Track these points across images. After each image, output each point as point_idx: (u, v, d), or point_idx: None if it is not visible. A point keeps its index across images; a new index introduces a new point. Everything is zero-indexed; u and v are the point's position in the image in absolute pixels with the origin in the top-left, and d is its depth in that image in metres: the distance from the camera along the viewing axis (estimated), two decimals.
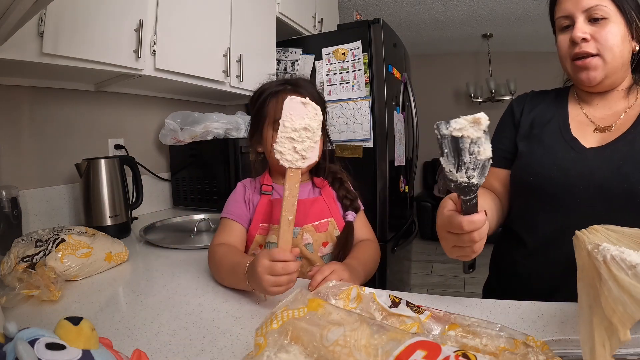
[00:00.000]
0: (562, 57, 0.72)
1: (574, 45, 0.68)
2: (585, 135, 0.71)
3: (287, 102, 0.62)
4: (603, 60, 0.66)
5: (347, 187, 0.90)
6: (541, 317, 0.56)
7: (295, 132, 0.61)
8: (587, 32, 0.66)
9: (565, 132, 0.73)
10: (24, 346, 0.28)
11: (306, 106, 0.61)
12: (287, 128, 0.61)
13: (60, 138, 1.26)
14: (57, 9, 0.88)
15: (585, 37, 0.66)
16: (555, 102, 0.79)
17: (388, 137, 1.75)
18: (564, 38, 0.71)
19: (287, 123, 0.61)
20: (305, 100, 0.62)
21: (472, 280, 2.99)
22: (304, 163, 0.62)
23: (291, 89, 0.83)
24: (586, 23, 0.67)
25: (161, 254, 0.98)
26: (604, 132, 0.70)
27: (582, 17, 0.67)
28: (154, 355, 0.49)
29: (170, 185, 1.68)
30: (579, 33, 0.66)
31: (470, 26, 3.54)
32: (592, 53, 0.66)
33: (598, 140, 0.69)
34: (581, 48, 0.67)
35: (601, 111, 0.73)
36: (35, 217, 1.16)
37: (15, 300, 0.64)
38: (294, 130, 0.61)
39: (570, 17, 0.68)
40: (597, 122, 0.72)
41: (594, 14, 0.66)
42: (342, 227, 0.86)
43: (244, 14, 1.55)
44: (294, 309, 0.39)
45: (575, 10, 0.67)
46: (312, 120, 0.62)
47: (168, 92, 1.64)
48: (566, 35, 0.70)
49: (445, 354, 0.31)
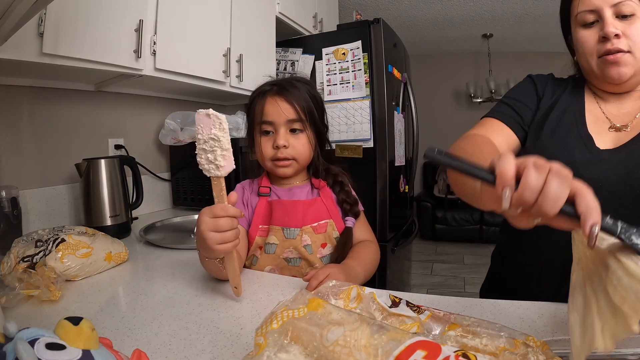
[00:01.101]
0: (587, 53, 0.69)
1: (603, 41, 0.65)
2: (600, 133, 0.69)
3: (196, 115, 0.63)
4: (634, 57, 0.64)
5: (347, 190, 0.89)
6: (541, 317, 0.56)
7: (206, 143, 0.62)
8: (618, 27, 0.63)
9: (580, 125, 0.70)
10: (24, 346, 0.28)
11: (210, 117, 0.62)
12: (200, 140, 0.63)
13: (60, 138, 1.26)
14: (57, 9, 0.88)
15: (618, 32, 0.63)
16: (573, 91, 0.76)
17: (388, 137, 1.75)
18: (589, 34, 0.67)
19: (199, 135, 0.63)
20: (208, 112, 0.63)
21: (472, 280, 2.99)
22: (220, 171, 0.62)
23: (276, 90, 0.82)
24: (614, 19, 0.64)
25: (161, 254, 0.97)
26: (619, 131, 0.68)
27: (610, 12, 0.64)
28: (154, 355, 0.49)
29: (170, 185, 1.68)
30: (611, 29, 0.63)
31: (470, 26, 3.54)
32: (624, 50, 0.64)
33: (613, 141, 0.68)
34: (613, 45, 0.64)
35: (616, 109, 0.71)
36: (35, 217, 1.16)
37: (15, 300, 0.64)
38: (205, 141, 0.62)
39: (596, 12, 0.65)
40: (612, 119, 0.70)
41: (623, 10, 0.63)
42: (341, 228, 0.85)
43: (244, 14, 1.55)
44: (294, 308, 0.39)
45: (604, 5, 0.64)
46: (217, 130, 0.62)
47: (168, 92, 1.64)
48: (591, 31, 0.67)
49: (445, 354, 0.31)
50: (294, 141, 0.82)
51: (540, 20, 3.23)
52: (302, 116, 0.82)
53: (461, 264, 3.43)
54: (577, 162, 0.67)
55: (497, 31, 3.66)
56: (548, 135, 0.72)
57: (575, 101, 0.73)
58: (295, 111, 0.82)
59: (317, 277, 0.65)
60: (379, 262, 0.87)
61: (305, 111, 0.83)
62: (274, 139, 0.82)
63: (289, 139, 0.82)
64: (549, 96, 0.76)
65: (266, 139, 0.83)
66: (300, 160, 0.84)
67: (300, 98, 0.83)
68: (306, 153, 0.84)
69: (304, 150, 0.84)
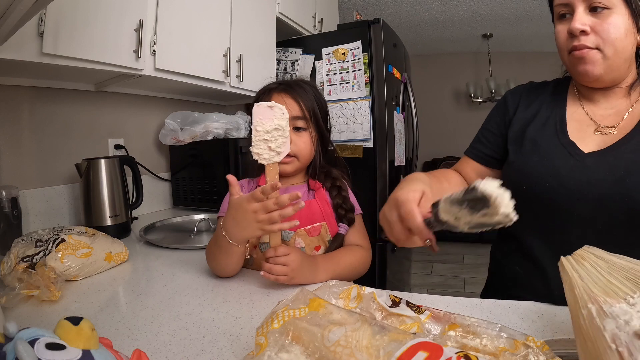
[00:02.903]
0: (560, 48, 0.66)
1: (572, 37, 0.62)
2: (585, 138, 0.65)
3: (255, 108, 0.68)
4: (603, 54, 0.60)
5: (344, 196, 0.87)
6: (541, 317, 0.56)
7: (268, 133, 0.67)
8: (586, 23, 0.60)
9: (562, 134, 0.67)
10: (24, 346, 0.28)
11: (273, 109, 0.68)
12: (260, 132, 0.67)
13: (60, 138, 1.26)
14: (57, 9, 0.88)
15: (584, 29, 0.60)
16: (553, 97, 0.73)
17: (388, 137, 1.75)
18: (562, 28, 0.65)
19: (259, 127, 0.67)
20: (271, 104, 0.68)
21: (472, 280, 2.99)
22: (280, 157, 0.69)
23: (282, 88, 0.84)
24: (586, 13, 0.61)
25: (161, 254, 0.97)
26: (605, 133, 0.64)
27: (582, 5, 0.60)
28: (154, 355, 0.49)
29: (170, 185, 1.68)
30: (577, 25, 0.60)
31: (470, 26, 3.54)
32: (590, 47, 0.61)
33: (598, 144, 0.64)
34: (579, 41, 0.61)
35: (603, 109, 0.67)
36: (35, 217, 1.16)
37: (15, 300, 0.64)
38: (266, 132, 0.67)
39: (569, 5, 0.62)
40: (598, 120, 0.66)
41: (595, 3, 0.59)
42: (334, 232, 0.85)
43: (244, 14, 1.55)
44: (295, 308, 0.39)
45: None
46: (281, 120, 0.68)
47: (168, 92, 1.64)
48: (564, 25, 0.64)
49: (447, 356, 0.31)
50: (297, 139, 0.82)
51: (540, 20, 3.23)
52: (306, 114, 0.83)
53: (461, 264, 3.43)
54: (560, 168, 0.64)
55: (497, 31, 3.66)
56: (529, 147, 0.70)
57: (556, 110, 0.71)
58: (300, 109, 0.83)
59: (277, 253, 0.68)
60: (366, 268, 0.85)
61: (309, 110, 0.84)
62: None
63: (291, 137, 0.82)
64: (524, 107, 0.75)
65: None
66: (301, 159, 0.84)
67: (306, 97, 0.84)
68: (307, 152, 0.85)
69: (305, 149, 0.84)
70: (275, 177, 0.68)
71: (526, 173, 0.68)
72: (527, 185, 0.67)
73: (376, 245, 1.77)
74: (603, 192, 0.60)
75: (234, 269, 0.75)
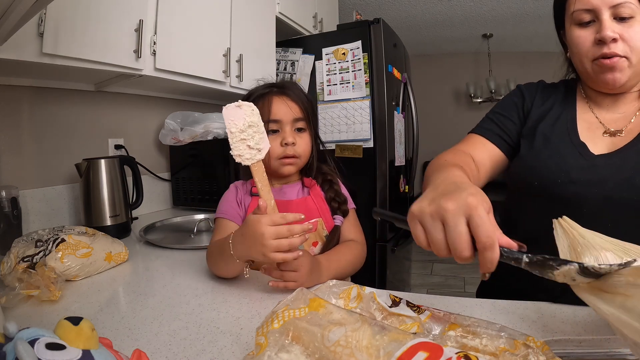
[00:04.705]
0: (582, 55, 0.65)
1: (600, 44, 0.62)
2: (594, 139, 0.67)
3: (224, 111, 0.66)
4: (629, 62, 0.61)
5: (336, 189, 0.89)
6: (541, 317, 0.56)
7: (243, 132, 0.66)
8: (615, 30, 0.60)
9: (573, 134, 0.68)
10: (24, 346, 0.28)
11: (242, 107, 0.66)
12: (234, 132, 0.65)
13: (60, 138, 1.26)
14: (57, 9, 0.88)
15: (615, 36, 0.60)
16: (564, 97, 0.74)
17: (388, 137, 1.75)
18: (584, 35, 0.64)
19: (232, 128, 0.65)
20: (238, 104, 0.66)
21: (472, 280, 2.99)
22: (261, 154, 0.67)
23: (277, 91, 0.85)
24: (612, 21, 0.61)
25: (161, 254, 0.97)
26: (613, 136, 0.66)
27: (608, 13, 0.60)
28: (154, 355, 0.49)
29: (170, 185, 1.68)
30: (609, 32, 0.60)
31: (470, 26, 3.54)
32: (620, 54, 0.61)
33: (607, 146, 0.66)
34: (610, 49, 0.61)
35: (611, 113, 0.69)
36: (35, 217, 1.16)
37: (15, 300, 0.64)
38: (241, 131, 0.65)
39: (593, 12, 0.62)
40: (606, 124, 0.68)
41: (621, 12, 0.60)
42: (330, 227, 0.85)
43: (244, 14, 1.55)
44: (295, 308, 0.39)
45: (602, 6, 0.60)
46: (252, 116, 0.67)
47: (168, 92, 1.64)
48: (586, 31, 0.64)
49: (447, 356, 0.31)
50: (300, 139, 0.84)
51: (540, 20, 3.23)
52: (305, 115, 0.85)
53: (461, 264, 3.42)
54: (570, 168, 0.66)
55: (497, 31, 3.66)
56: (541, 143, 0.70)
57: (567, 109, 0.72)
58: (300, 110, 0.84)
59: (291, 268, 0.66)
60: (362, 262, 0.86)
61: (307, 110, 0.86)
62: (282, 137, 0.82)
63: (295, 138, 0.83)
64: (539, 104, 0.75)
65: (272, 138, 0.83)
66: (303, 158, 0.86)
67: (303, 98, 0.86)
68: (309, 151, 0.86)
69: (307, 149, 0.85)
70: (263, 175, 0.66)
71: (537, 169, 0.69)
72: (538, 180, 0.68)
73: (376, 245, 1.77)
74: (612, 191, 0.62)
75: (232, 275, 0.76)
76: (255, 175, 0.66)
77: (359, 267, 0.85)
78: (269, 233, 0.60)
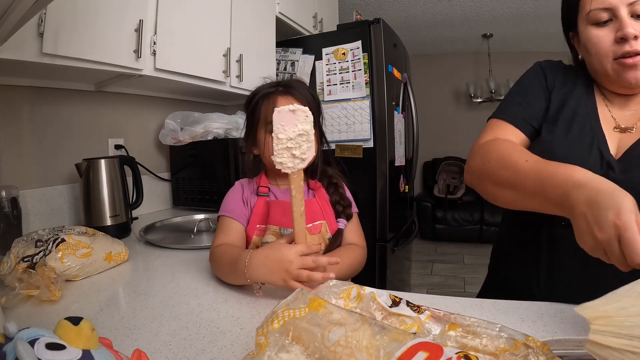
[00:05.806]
0: (602, 55, 0.64)
1: (621, 43, 0.61)
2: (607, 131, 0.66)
3: (276, 114, 0.62)
4: None
5: (341, 192, 0.88)
6: (541, 317, 0.56)
7: (291, 140, 0.62)
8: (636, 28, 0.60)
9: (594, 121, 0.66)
10: (24, 346, 0.28)
11: (295, 112, 0.62)
12: (282, 139, 0.62)
13: (60, 138, 1.26)
14: (57, 9, 0.88)
15: (637, 34, 0.59)
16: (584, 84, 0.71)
17: (388, 137, 1.75)
18: (603, 34, 0.63)
19: (280, 135, 0.61)
20: (293, 107, 0.62)
21: (472, 280, 2.99)
22: (305, 163, 0.64)
23: (283, 90, 0.83)
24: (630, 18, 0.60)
25: (161, 254, 0.97)
26: (623, 132, 0.65)
27: (626, 10, 0.60)
28: (154, 355, 0.49)
29: (170, 185, 1.68)
30: (630, 30, 0.59)
31: (470, 26, 3.54)
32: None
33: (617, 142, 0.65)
34: (632, 46, 0.60)
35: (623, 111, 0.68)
36: (35, 217, 1.16)
37: (15, 300, 0.64)
38: (290, 139, 0.62)
39: (611, 11, 0.61)
40: (618, 120, 0.67)
41: (638, 10, 0.60)
42: (333, 230, 0.85)
43: (244, 14, 1.55)
44: (295, 308, 0.39)
45: (619, 4, 0.60)
46: (305, 124, 0.63)
47: (168, 92, 1.64)
48: (605, 30, 0.63)
49: (447, 356, 0.31)
50: None
51: (540, 20, 3.23)
52: None
53: (461, 264, 3.43)
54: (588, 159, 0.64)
55: (497, 31, 3.66)
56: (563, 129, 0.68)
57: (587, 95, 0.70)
58: None
59: None
60: (362, 266, 0.86)
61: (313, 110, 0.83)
62: None
63: None
64: (560, 87, 0.73)
65: None
66: None
67: (309, 97, 0.84)
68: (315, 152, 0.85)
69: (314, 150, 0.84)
70: (300, 184, 0.64)
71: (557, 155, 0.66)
72: None
73: (376, 245, 1.77)
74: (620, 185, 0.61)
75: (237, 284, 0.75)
76: (292, 182, 0.64)
77: (359, 270, 0.85)
78: (297, 262, 0.61)
